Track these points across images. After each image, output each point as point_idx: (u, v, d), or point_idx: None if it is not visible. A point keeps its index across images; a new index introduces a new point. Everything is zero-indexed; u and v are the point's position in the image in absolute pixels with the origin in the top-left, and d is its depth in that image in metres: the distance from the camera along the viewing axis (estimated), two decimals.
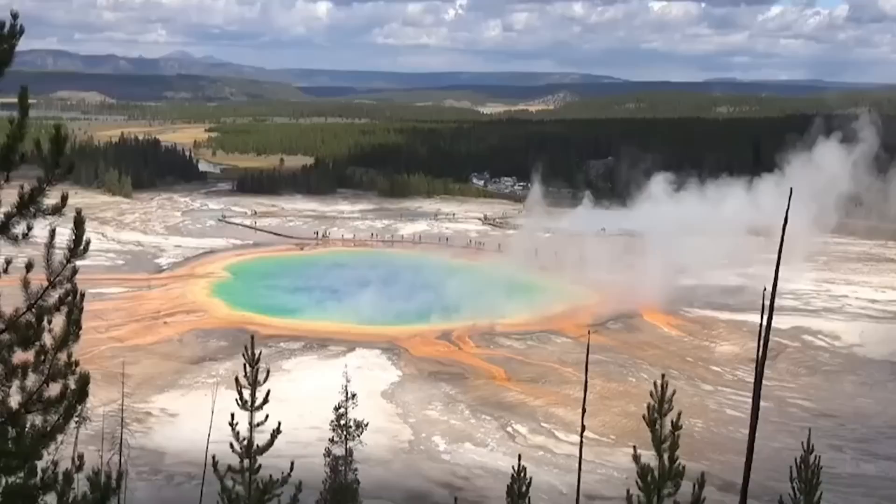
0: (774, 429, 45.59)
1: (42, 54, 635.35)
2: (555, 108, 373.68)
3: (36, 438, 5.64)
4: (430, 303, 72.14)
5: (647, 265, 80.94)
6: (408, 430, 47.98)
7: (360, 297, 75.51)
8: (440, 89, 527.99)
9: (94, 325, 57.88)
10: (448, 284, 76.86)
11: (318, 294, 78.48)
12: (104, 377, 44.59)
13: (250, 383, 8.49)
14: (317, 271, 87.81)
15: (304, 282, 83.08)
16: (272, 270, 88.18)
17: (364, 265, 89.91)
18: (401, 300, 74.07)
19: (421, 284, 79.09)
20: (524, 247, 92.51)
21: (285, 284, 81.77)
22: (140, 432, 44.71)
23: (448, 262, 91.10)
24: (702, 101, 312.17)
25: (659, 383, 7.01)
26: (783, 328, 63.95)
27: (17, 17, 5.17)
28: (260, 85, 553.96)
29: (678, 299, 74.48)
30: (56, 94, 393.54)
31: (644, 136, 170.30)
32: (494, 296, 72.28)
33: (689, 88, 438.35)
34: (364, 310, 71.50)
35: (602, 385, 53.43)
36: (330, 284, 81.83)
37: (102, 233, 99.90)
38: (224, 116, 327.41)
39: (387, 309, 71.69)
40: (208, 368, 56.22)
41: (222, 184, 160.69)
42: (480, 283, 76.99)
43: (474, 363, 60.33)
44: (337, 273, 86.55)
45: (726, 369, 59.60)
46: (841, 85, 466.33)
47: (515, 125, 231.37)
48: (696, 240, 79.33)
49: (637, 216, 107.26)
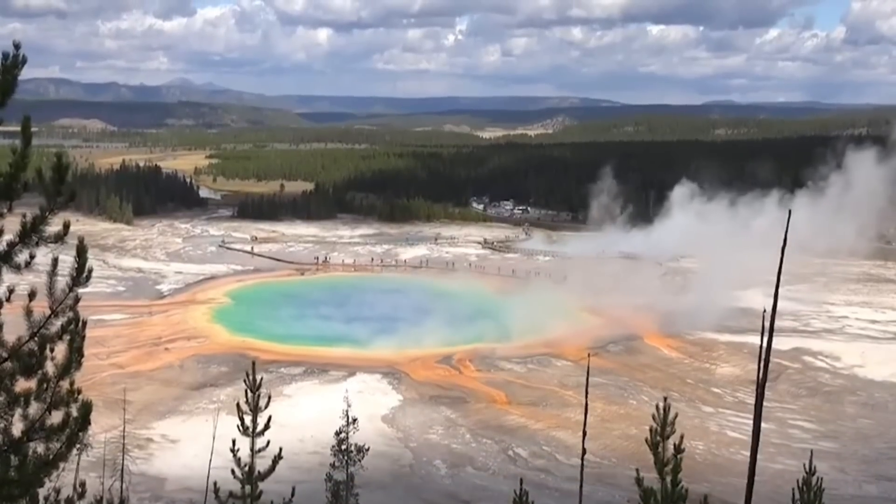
0: (776, 450, 45.45)
1: (44, 83, 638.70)
2: (554, 132, 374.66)
3: (38, 466, 5.63)
4: (432, 327, 71.95)
5: (649, 287, 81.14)
6: (409, 454, 47.76)
7: (361, 322, 75.41)
8: (439, 114, 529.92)
9: (95, 352, 57.72)
10: (449, 308, 76.80)
11: (318, 319, 78.31)
12: (105, 404, 44.42)
13: (251, 409, 8.47)
14: (317, 297, 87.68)
15: (305, 307, 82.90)
16: (273, 296, 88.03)
17: (365, 290, 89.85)
18: (402, 324, 73.96)
19: (422, 309, 78.99)
20: (526, 269, 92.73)
21: (286, 310, 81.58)
22: (141, 459, 44.53)
23: (449, 286, 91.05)
24: (700, 124, 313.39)
25: (661, 406, 7.00)
26: (783, 349, 63.83)
27: (19, 47, 5.20)
28: (260, 111, 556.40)
29: (678, 321, 74.33)
30: (58, 121, 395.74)
31: (643, 158, 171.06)
32: (496, 319, 72.26)
33: (688, 111, 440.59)
34: (364, 334, 71.38)
35: (603, 408, 53.25)
36: (330, 310, 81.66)
37: (104, 259, 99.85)
38: (225, 143, 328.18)
39: (387, 333, 71.56)
40: (209, 394, 55.99)
41: (223, 210, 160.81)
42: (483, 307, 77.05)
43: (475, 387, 60.15)
44: (337, 298, 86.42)
45: (727, 391, 59.41)
46: (838, 106, 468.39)
47: (514, 149, 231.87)
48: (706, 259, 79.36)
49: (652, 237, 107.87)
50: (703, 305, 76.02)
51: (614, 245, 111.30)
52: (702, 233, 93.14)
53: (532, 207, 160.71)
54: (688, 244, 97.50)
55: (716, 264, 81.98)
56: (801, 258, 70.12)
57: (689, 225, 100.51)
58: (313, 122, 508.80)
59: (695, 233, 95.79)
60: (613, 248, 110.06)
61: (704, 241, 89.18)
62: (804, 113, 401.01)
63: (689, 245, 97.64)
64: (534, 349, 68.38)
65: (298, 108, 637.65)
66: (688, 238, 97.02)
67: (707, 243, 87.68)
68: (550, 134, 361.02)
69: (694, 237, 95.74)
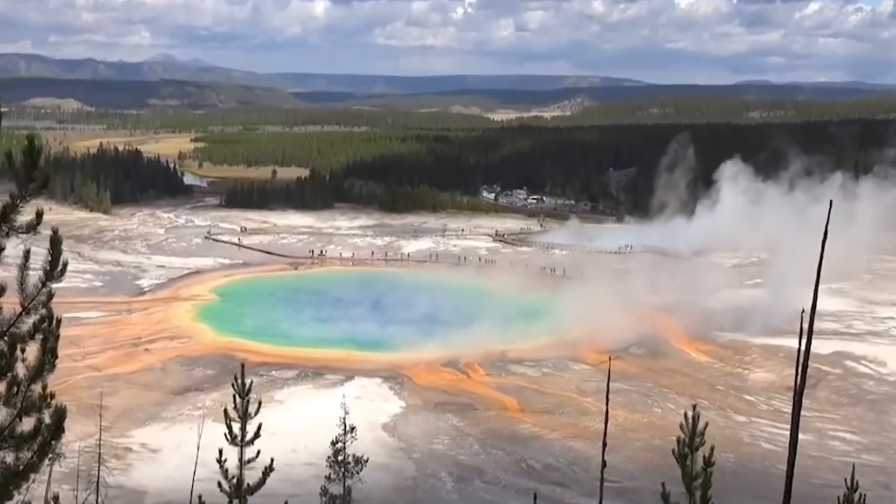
0: (814, 464, 45.42)
1: (14, 59, 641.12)
2: (572, 114, 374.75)
3: (7, 478, 5.63)
4: (436, 326, 72.06)
5: (675, 285, 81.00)
6: (412, 466, 47.85)
7: (360, 321, 75.53)
8: (447, 94, 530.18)
9: (69, 353, 57.87)
10: (456, 307, 76.87)
11: (313, 318, 78.48)
12: (80, 409, 44.59)
13: (240, 416, 8.47)
14: (312, 293, 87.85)
15: (299, 305, 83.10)
16: (263, 292, 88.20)
17: (364, 286, 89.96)
18: (405, 324, 74.11)
19: (427, 306, 79.11)
20: (540, 264, 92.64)
21: (278, 308, 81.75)
22: (118, 470, 44.65)
23: (457, 281, 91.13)
24: (733, 106, 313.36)
25: (689, 414, 6.99)
26: (823, 353, 63.74)
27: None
28: (251, 91, 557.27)
29: (707, 322, 74.26)
30: (29, 101, 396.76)
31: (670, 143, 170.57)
32: (506, 318, 72.28)
33: (719, 92, 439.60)
34: (364, 335, 71.49)
35: (625, 416, 53.27)
36: (327, 308, 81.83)
37: (79, 252, 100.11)
38: (212, 125, 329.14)
39: (389, 334, 71.68)
40: (193, 399, 56.14)
41: (209, 198, 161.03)
42: (494, 305, 77.07)
43: (484, 392, 60.23)
44: (335, 295, 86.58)
45: (761, 398, 59.40)
46: (885, 87, 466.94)
47: (529, 133, 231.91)
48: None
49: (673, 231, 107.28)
50: (737, 304, 75.87)
51: (639, 238, 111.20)
52: (740, 223, 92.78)
53: (548, 196, 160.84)
54: (723, 236, 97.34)
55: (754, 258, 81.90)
56: (847, 253, 69.87)
57: (731, 214, 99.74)
58: (308, 102, 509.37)
59: (730, 223, 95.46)
60: (638, 242, 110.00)
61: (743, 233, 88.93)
62: (847, 94, 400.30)
63: (723, 237, 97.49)
64: (549, 351, 68.40)
65: (292, 88, 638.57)
66: (725, 229, 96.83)
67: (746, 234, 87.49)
68: (568, 116, 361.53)
69: (728, 228, 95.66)
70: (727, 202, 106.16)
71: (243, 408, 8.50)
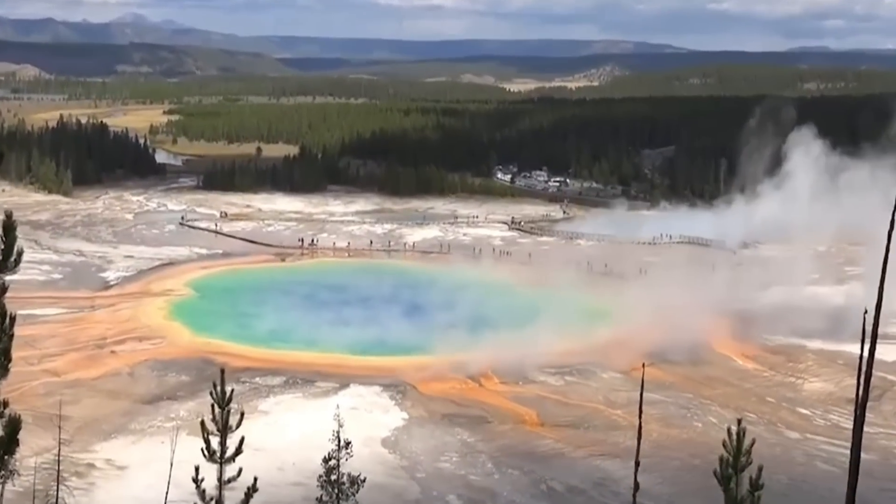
0: (878, 486, 45.29)
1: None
2: (600, 85, 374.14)
3: None
4: (445, 327, 72.03)
5: (720, 281, 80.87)
6: (415, 487, 47.89)
7: (356, 321, 75.52)
8: (457, 61, 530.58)
9: (24, 356, 57.99)
10: (466, 305, 76.83)
11: (303, 317, 78.46)
12: (36, 420, 44.66)
13: (219, 429, 8.49)
14: (302, 288, 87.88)
15: (287, 301, 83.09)
16: (246, 287, 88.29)
17: (361, 281, 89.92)
18: (407, 324, 74.15)
19: (432, 304, 79.16)
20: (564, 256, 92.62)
21: (263, 305, 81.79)
22: (80, 489, 44.76)
23: (468, 275, 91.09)
24: (785, 76, 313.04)
25: (734, 430, 6.99)
26: (888, 360, 63.54)
27: None
28: (232, 56, 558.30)
29: (755, 323, 74.14)
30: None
31: (712, 118, 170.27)
32: (525, 318, 72.22)
33: (769, 60, 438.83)
34: (361, 337, 71.51)
35: (660, 431, 53.22)
36: (318, 305, 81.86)
37: (36, 240, 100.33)
38: (188, 95, 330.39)
39: (389, 336, 71.72)
40: (166, 409, 56.25)
41: (185, 179, 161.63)
42: (510, 303, 77.06)
43: (499, 403, 60.19)
44: (326, 291, 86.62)
45: (817, 412, 59.27)
46: None
47: (550, 106, 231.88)
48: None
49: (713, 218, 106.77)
50: (791, 303, 75.78)
51: (677, 227, 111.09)
52: (813, 210, 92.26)
53: (572, 179, 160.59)
54: (775, 226, 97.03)
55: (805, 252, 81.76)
56: None
57: (801, 200, 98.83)
58: (298, 69, 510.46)
59: (799, 210, 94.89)
60: (675, 231, 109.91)
61: (816, 221, 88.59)
62: None
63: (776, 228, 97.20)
64: (573, 357, 68.32)
65: (279, 53, 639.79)
66: (779, 219, 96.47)
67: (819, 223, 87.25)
68: (596, 87, 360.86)
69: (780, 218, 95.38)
70: (797, 186, 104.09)
71: (223, 419, 8.51)
